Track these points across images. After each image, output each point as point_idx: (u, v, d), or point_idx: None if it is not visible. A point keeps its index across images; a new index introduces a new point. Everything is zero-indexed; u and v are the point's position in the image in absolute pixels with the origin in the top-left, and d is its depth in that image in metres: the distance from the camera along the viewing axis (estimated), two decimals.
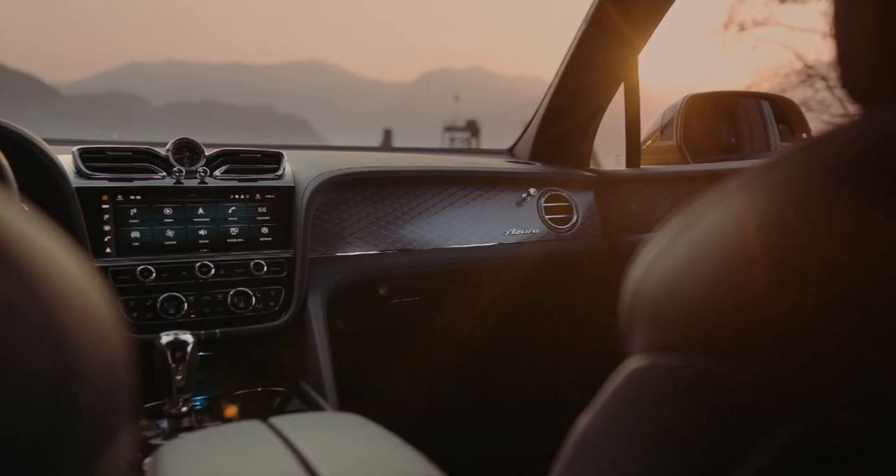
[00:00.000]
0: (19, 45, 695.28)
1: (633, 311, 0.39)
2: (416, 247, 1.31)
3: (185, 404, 0.97)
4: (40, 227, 0.26)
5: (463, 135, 72.44)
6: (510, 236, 1.41)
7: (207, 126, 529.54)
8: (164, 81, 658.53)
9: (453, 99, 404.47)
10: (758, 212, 0.32)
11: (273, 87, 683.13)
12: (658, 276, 0.38)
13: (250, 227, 1.17)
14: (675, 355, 0.33)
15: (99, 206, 1.08)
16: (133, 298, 1.05)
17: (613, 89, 1.55)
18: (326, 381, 1.09)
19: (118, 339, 0.29)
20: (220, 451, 0.65)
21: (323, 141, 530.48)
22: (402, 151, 1.86)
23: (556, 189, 1.49)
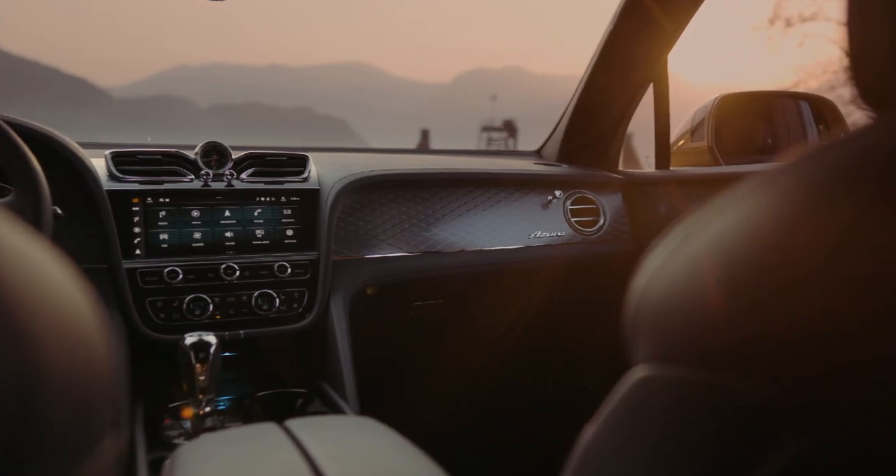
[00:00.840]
0: (75, 51, 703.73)
1: (636, 320, 0.38)
2: (441, 249, 1.32)
3: (209, 405, 0.98)
4: (15, 233, 0.26)
5: (500, 135, 72.24)
6: (535, 239, 1.40)
7: (249, 128, 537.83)
8: (209, 84, 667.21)
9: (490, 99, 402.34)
10: (762, 220, 0.31)
11: (313, 89, 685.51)
12: (661, 285, 0.37)
13: (275, 230, 1.18)
14: (678, 367, 0.33)
15: (129, 208, 1.11)
16: (160, 299, 1.08)
17: (642, 90, 1.52)
18: (347, 384, 1.10)
19: (99, 349, 0.29)
20: (232, 452, 0.66)
21: (361, 141, 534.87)
22: (431, 153, 1.86)
23: (582, 191, 1.48)
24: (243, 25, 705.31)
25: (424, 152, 1.82)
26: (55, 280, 0.27)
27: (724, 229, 0.33)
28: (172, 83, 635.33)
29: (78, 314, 0.27)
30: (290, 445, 0.66)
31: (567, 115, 1.59)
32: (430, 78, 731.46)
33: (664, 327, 0.35)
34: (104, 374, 0.29)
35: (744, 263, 0.30)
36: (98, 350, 0.29)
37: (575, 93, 1.57)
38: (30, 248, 0.26)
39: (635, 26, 1.40)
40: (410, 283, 1.31)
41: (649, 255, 0.39)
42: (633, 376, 0.36)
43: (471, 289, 1.43)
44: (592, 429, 0.39)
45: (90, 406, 0.27)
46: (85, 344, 0.27)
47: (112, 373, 0.31)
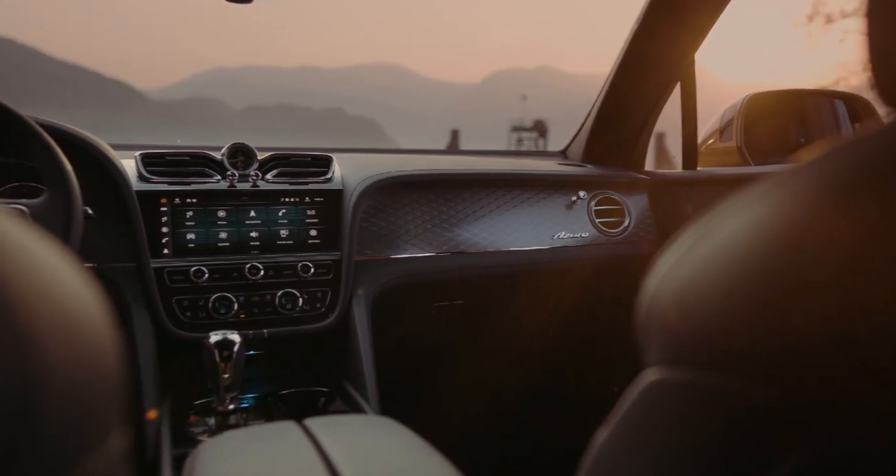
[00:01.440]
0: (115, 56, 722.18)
1: (647, 321, 0.38)
2: (464, 249, 1.32)
3: (233, 402, 1.00)
4: (19, 231, 0.26)
5: (530, 135, 71.96)
6: (559, 240, 1.39)
7: (282, 129, 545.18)
8: (243, 86, 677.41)
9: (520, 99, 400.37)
10: (779, 220, 0.30)
11: (344, 90, 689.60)
12: (672, 287, 0.37)
13: (299, 230, 1.20)
14: (689, 370, 0.33)
15: (158, 208, 1.13)
16: (187, 298, 1.10)
17: (669, 89, 1.50)
18: (368, 383, 1.11)
19: (105, 348, 0.29)
20: (251, 450, 0.67)
21: (391, 142, 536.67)
22: (456, 154, 1.86)
23: (607, 192, 1.46)
24: (276, 28, 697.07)
25: (450, 153, 1.82)
26: (60, 279, 0.27)
27: (738, 230, 0.33)
28: (207, 85, 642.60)
29: (83, 313, 0.28)
30: (307, 444, 0.66)
31: (592, 115, 1.58)
32: (461, 78, 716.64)
33: (675, 329, 0.35)
34: (110, 373, 0.29)
35: (758, 264, 0.30)
36: (104, 349, 0.29)
37: (600, 92, 1.56)
38: (34, 247, 0.26)
39: (662, 24, 1.39)
40: (433, 283, 1.31)
41: (661, 255, 0.39)
42: (644, 379, 0.36)
43: (493, 290, 1.43)
44: (605, 431, 0.39)
45: (93, 405, 0.27)
46: (89, 343, 0.27)
47: (119, 372, 0.31)
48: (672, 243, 0.39)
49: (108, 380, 0.30)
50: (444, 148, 3.24)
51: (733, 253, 0.32)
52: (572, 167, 1.52)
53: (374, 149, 1.73)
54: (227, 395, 0.98)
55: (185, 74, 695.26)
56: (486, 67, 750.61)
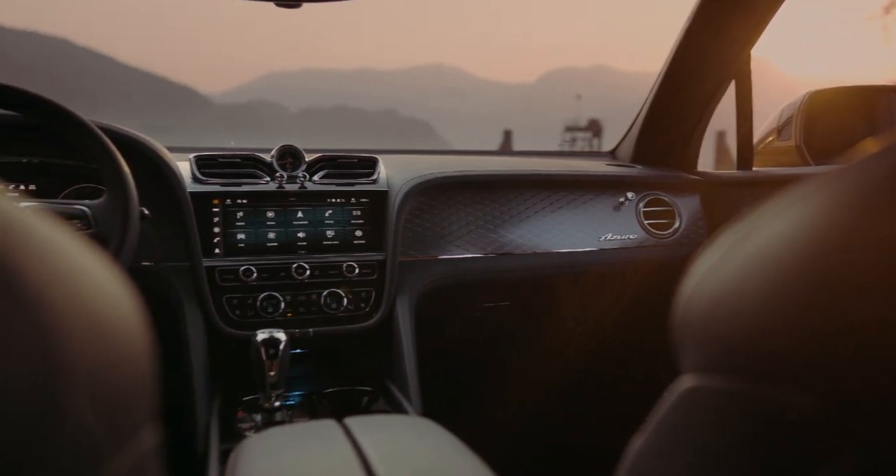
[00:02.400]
0: (180, 59, 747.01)
1: (683, 327, 0.37)
2: (509, 251, 1.31)
3: (278, 399, 1.02)
4: (47, 229, 0.26)
5: (584, 135, 71.04)
6: (606, 241, 1.37)
7: (338, 130, 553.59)
8: (300, 89, 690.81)
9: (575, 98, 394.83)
10: (821, 223, 0.29)
11: (398, 92, 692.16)
12: (709, 291, 0.36)
13: (345, 230, 1.22)
14: (726, 377, 0.32)
15: (210, 209, 1.16)
16: (236, 297, 1.13)
17: (723, 87, 1.46)
18: (411, 384, 1.11)
19: (134, 346, 0.30)
20: (291, 447, 0.68)
21: (444, 142, 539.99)
22: (504, 155, 1.85)
23: (656, 193, 1.43)
24: (334, 31, 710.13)
25: (498, 154, 1.82)
26: (88, 277, 0.27)
27: (780, 232, 0.32)
28: (267, 89, 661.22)
29: (111, 312, 0.28)
30: (345, 443, 0.67)
31: (642, 114, 1.55)
32: (515, 78, 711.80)
33: (711, 335, 0.34)
34: (140, 371, 0.30)
35: (798, 268, 0.29)
36: (133, 347, 0.29)
37: (651, 91, 1.52)
38: (63, 246, 0.27)
39: (716, 20, 1.35)
40: (478, 284, 1.31)
41: (697, 259, 0.38)
42: (679, 386, 0.35)
43: (538, 291, 1.42)
44: (640, 439, 0.38)
45: (122, 402, 0.28)
46: (118, 341, 0.28)
47: (150, 370, 0.32)
48: (709, 246, 0.39)
49: (138, 378, 0.30)
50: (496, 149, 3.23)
51: (774, 256, 0.31)
52: (621, 168, 1.50)
53: (423, 150, 1.73)
54: (273, 393, 1.00)
55: (246, 78, 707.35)
56: (541, 67, 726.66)
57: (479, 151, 1.76)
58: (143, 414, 0.32)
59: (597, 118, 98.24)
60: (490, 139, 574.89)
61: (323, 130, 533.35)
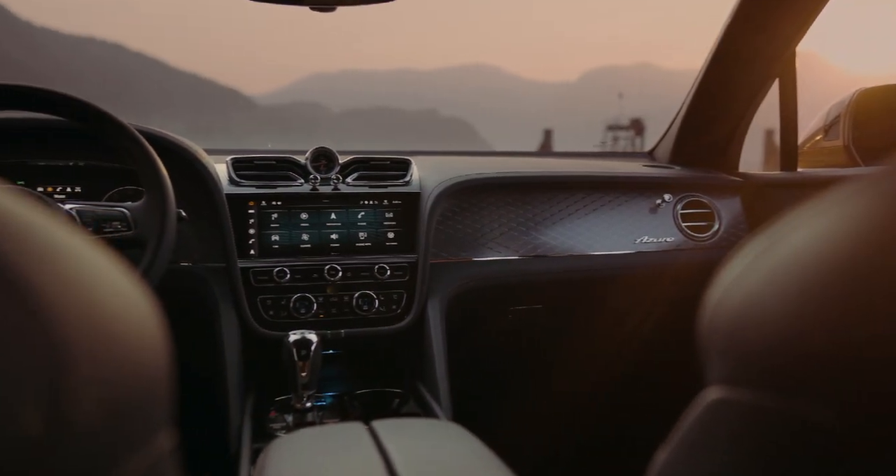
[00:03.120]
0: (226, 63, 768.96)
1: (709, 337, 0.36)
2: (542, 253, 1.29)
3: (310, 400, 1.02)
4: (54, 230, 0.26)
5: (627, 134, 70.06)
6: (642, 244, 1.34)
7: (378, 131, 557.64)
8: (342, 90, 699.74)
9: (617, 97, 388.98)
10: (852, 231, 0.28)
11: (438, 92, 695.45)
12: (735, 300, 0.35)
13: (377, 232, 1.22)
14: (753, 391, 0.31)
15: (246, 211, 1.18)
16: (270, 297, 1.14)
17: (767, 86, 1.42)
18: (441, 386, 1.11)
19: (145, 349, 0.29)
20: (317, 449, 0.68)
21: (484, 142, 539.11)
22: (541, 156, 1.83)
23: (695, 194, 1.39)
24: (374, 33, 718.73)
25: (535, 155, 1.80)
26: (97, 280, 0.27)
27: (808, 240, 0.30)
28: (309, 90, 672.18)
29: (122, 315, 0.28)
30: (371, 446, 0.67)
31: (681, 114, 1.51)
32: (556, 77, 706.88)
33: (736, 346, 0.33)
34: (152, 375, 0.30)
35: (831, 277, 0.28)
36: (147, 351, 0.29)
37: (690, 90, 1.49)
38: (70, 248, 0.27)
39: (759, 15, 1.31)
40: (510, 286, 1.30)
41: (725, 266, 0.37)
42: (705, 398, 0.35)
43: (572, 295, 1.39)
44: (665, 452, 0.38)
45: (134, 406, 0.28)
46: (129, 345, 0.27)
47: (165, 373, 0.32)
48: (737, 252, 0.38)
49: (152, 382, 0.30)
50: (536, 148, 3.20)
51: (803, 265, 0.30)
52: (658, 169, 1.46)
53: (459, 151, 1.73)
54: (305, 393, 1.01)
55: (289, 80, 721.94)
56: (583, 65, 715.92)
57: (515, 152, 1.75)
58: (158, 418, 0.32)
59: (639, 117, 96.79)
60: (530, 139, 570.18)
61: (364, 131, 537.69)
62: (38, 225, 0.25)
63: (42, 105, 0.95)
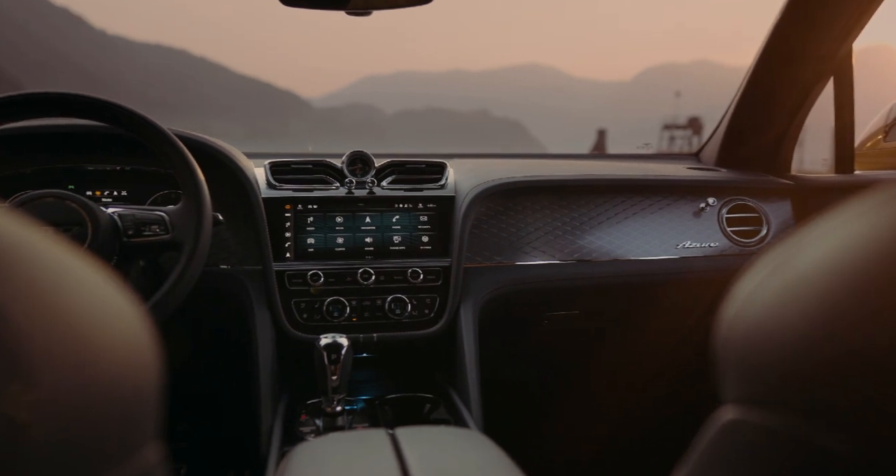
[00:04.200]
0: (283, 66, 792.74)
1: (724, 354, 0.35)
2: (578, 258, 1.27)
3: (340, 404, 1.02)
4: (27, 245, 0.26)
5: (684, 133, 68.43)
6: (684, 249, 1.29)
7: (430, 132, 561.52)
8: (395, 92, 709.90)
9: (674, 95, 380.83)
10: (869, 248, 0.27)
11: (490, 93, 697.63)
12: (750, 316, 0.34)
13: (412, 236, 1.22)
14: (767, 413, 0.31)
15: (282, 214, 1.20)
16: (304, 300, 1.15)
17: (820, 85, 1.35)
18: (472, 392, 1.10)
19: (128, 365, 0.29)
20: (337, 456, 0.68)
21: (536, 143, 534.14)
22: (583, 158, 1.80)
23: (741, 198, 1.34)
24: (428, 33, 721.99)
25: (578, 157, 1.76)
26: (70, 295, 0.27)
27: (825, 255, 0.29)
28: (363, 92, 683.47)
29: (99, 330, 0.28)
30: (391, 455, 0.67)
31: (728, 114, 1.46)
32: (611, 76, 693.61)
33: (752, 364, 0.32)
34: (132, 389, 0.29)
35: (845, 296, 0.27)
36: (126, 366, 0.29)
37: (739, 89, 1.43)
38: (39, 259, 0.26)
39: (812, 10, 1.25)
40: (546, 292, 1.28)
41: (740, 280, 0.36)
42: (720, 418, 0.34)
43: (611, 300, 1.36)
44: (681, 472, 0.37)
45: (111, 421, 0.28)
46: (103, 358, 0.27)
47: (149, 387, 0.32)
48: (752, 266, 0.36)
49: (134, 396, 0.30)
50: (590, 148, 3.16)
51: (818, 281, 0.29)
52: (703, 171, 1.41)
53: (501, 154, 1.71)
54: (335, 397, 1.01)
55: (344, 82, 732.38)
56: (639, 64, 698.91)
57: (558, 155, 1.72)
58: (143, 432, 0.32)
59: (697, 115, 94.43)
60: (584, 138, 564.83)
61: (417, 131, 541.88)
62: (7, 240, 0.25)
63: (83, 111, 0.97)
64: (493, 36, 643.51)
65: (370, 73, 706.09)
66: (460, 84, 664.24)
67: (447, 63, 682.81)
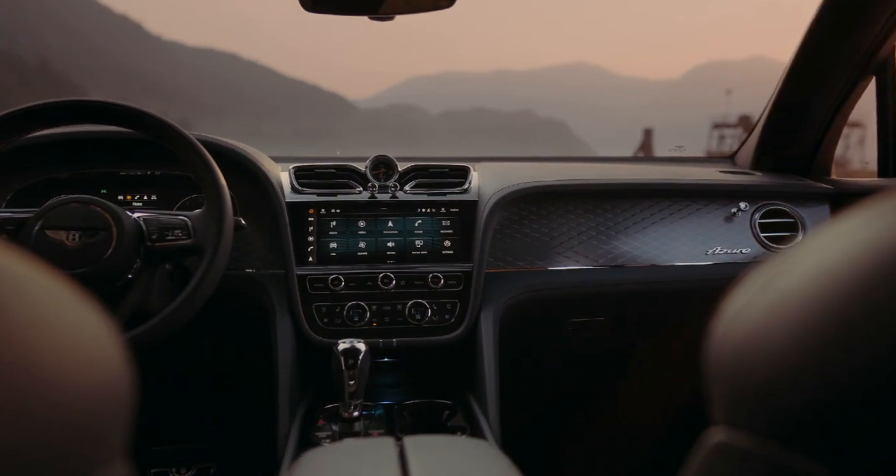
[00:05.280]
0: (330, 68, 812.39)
1: (712, 373, 0.34)
2: (603, 264, 1.24)
3: (357, 409, 1.02)
4: None
5: (734, 131, 66.69)
6: (714, 255, 1.26)
7: (475, 132, 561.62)
8: (439, 92, 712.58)
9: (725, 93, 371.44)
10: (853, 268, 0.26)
11: (535, 92, 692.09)
12: (738, 334, 0.33)
13: (433, 240, 1.21)
14: (753, 437, 0.30)
15: (305, 218, 1.20)
16: (325, 305, 1.15)
17: (862, 84, 1.29)
18: (490, 400, 1.08)
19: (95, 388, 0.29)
20: (341, 464, 0.68)
21: (580, 143, 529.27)
22: (615, 162, 1.76)
23: (776, 203, 1.29)
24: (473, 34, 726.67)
25: (608, 160, 1.73)
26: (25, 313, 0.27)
27: (810, 273, 0.28)
28: (408, 93, 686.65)
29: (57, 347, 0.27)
30: (394, 464, 0.66)
31: (765, 115, 1.41)
32: (659, 74, 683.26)
33: (739, 385, 0.31)
34: (96, 407, 0.29)
35: (828, 318, 0.26)
36: (86, 387, 0.29)
37: (775, 89, 1.38)
38: None
39: (852, 6, 1.19)
40: (569, 298, 1.25)
41: (730, 295, 0.35)
42: (709, 439, 0.34)
43: (636, 307, 1.33)
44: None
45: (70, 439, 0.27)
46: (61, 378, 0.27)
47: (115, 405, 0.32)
48: (743, 281, 0.35)
49: (98, 414, 0.29)
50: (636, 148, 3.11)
51: (801, 301, 0.28)
52: (736, 175, 1.37)
53: (532, 157, 1.69)
54: (352, 402, 1.01)
55: (388, 84, 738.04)
56: (689, 61, 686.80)
57: (588, 158, 1.69)
58: (108, 449, 0.31)
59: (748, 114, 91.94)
60: (630, 138, 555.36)
61: (461, 132, 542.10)
62: None
63: (109, 117, 1.00)
64: (538, 35, 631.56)
65: (414, 74, 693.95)
66: (505, 84, 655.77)
67: (492, 63, 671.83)
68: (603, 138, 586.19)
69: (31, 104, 0.97)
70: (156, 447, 1.51)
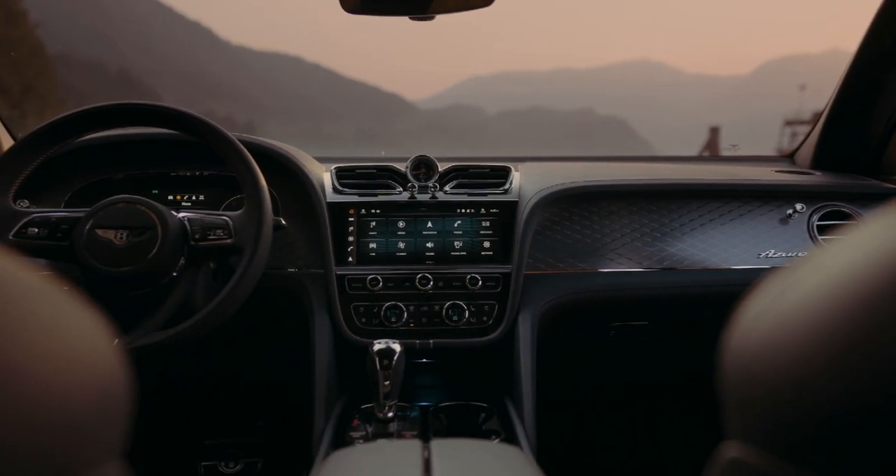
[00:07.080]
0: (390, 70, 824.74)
1: (728, 386, 0.33)
2: (648, 267, 1.20)
3: (391, 410, 1.02)
4: None
5: (807, 128, 63.84)
6: (766, 259, 1.20)
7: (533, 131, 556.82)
8: (498, 92, 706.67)
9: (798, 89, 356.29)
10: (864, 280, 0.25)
11: (595, 90, 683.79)
12: (751, 346, 0.31)
13: (473, 241, 1.20)
14: (765, 454, 0.29)
15: (346, 219, 1.21)
16: (363, 305, 1.16)
17: None
18: (525, 404, 1.06)
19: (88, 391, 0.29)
20: (365, 466, 0.68)
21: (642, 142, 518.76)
22: (665, 161, 1.70)
23: (836, 204, 1.22)
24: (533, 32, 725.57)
25: (658, 159, 1.67)
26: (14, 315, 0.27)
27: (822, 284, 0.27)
28: (466, 93, 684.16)
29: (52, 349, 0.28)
30: (418, 468, 0.66)
31: (826, 111, 1.33)
32: (727, 70, 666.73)
33: (751, 399, 0.30)
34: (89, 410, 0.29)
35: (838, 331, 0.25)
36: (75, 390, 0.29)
37: (837, 84, 1.31)
38: None
39: None
40: (611, 301, 1.22)
41: (745, 305, 0.34)
42: (724, 454, 0.33)
43: (681, 311, 1.28)
44: None
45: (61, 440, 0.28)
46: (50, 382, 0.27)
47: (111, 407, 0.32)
48: (759, 289, 0.34)
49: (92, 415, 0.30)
50: (701, 147, 3.01)
51: (811, 314, 0.27)
52: (793, 175, 1.30)
53: (580, 157, 1.65)
54: (387, 403, 1.00)
55: (447, 84, 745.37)
56: (760, 56, 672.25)
57: (637, 157, 1.64)
58: (101, 450, 0.32)
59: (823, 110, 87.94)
60: (695, 137, 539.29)
61: (520, 131, 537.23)
62: None
63: (150, 119, 1.03)
64: (600, 32, 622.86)
65: (473, 74, 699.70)
66: (565, 82, 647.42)
67: (552, 62, 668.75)
68: (666, 137, 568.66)
69: (75, 110, 1.01)
70: (206, 441, 1.55)
